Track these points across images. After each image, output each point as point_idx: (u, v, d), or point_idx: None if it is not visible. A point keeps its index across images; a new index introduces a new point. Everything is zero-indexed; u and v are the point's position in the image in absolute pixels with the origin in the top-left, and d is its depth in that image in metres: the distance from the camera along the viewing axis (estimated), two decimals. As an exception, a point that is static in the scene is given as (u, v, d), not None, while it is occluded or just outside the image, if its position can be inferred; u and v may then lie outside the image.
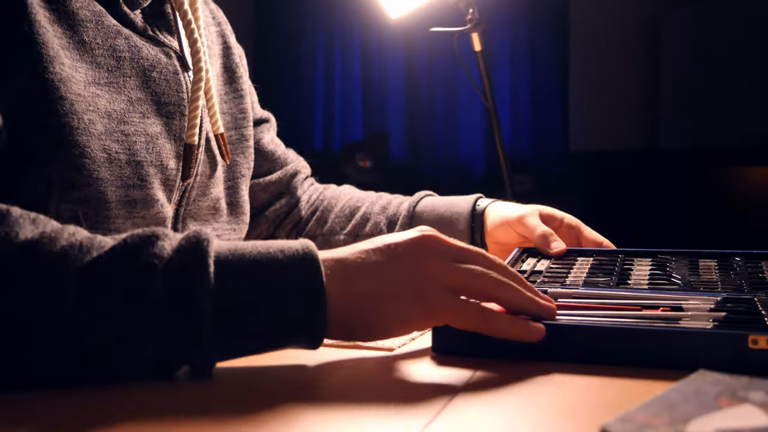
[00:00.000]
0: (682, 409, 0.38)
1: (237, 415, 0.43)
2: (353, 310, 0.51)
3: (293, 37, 3.86)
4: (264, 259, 0.50)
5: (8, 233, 0.49)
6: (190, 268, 0.48)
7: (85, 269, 0.48)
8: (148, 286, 0.47)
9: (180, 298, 0.47)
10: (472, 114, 3.59)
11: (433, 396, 0.47)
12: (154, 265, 0.48)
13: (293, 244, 0.51)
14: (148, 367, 0.49)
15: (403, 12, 1.37)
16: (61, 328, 0.47)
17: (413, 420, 0.42)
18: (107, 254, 0.49)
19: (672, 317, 0.56)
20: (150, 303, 0.47)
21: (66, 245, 0.49)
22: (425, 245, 0.54)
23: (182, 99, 0.78)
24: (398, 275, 0.52)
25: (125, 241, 0.49)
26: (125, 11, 0.74)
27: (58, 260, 0.48)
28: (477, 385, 0.48)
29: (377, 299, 0.52)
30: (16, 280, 0.47)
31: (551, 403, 0.45)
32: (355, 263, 0.52)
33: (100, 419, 0.42)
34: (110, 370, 0.49)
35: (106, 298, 0.47)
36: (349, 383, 0.50)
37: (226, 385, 0.50)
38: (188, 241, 0.50)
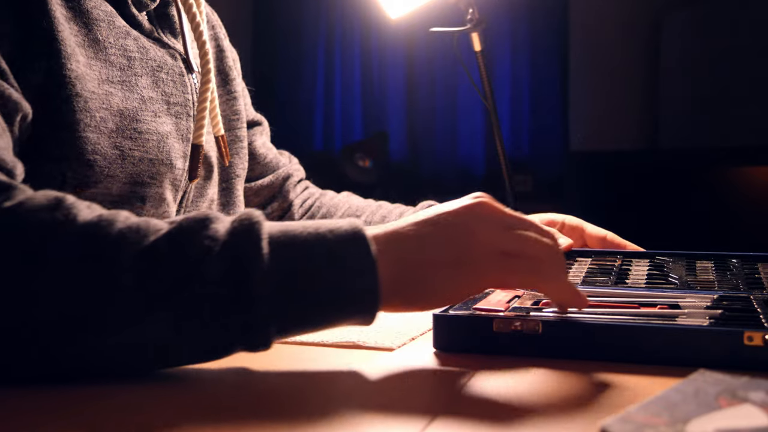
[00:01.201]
0: (682, 409, 0.38)
1: (236, 415, 0.43)
2: (406, 281, 0.51)
3: (293, 37, 3.86)
4: (315, 239, 0.50)
5: (67, 216, 0.49)
6: (245, 250, 0.48)
7: (143, 252, 0.48)
8: (205, 268, 0.47)
9: (236, 280, 0.48)
10: (472, 114, 3.59)
11: (433, 396, 0.47)
12: (210, 248, 0.48)
13: (341, 224, 0.51)
14: (205, 350, 0.49)
15: (403, 12, 1.37)
16: (120, 310, 0.47)
17: (414, 420, 0.42)
18: (164, 238, 0.49)
19: (669, 315, 0.57)
20: (207, 285, 0.47)
21: (123, 228, 0.49)
22: (477, 212, 0.54)
23: (188, 100, 0.80)
24: (449, 244, 0.52)
25: (180, 225, 0.50)
26: (133, 12, 0.76)
27: (117, 243, 0.48)
28: (477, 385, 0.48)
29: (429, 269, 0.51)
30: (77, 263, 0.47)
31: (551, 402, 0.45)
32: (407, 236, 0.52)
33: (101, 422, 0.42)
34: (167, 353, 0.49)
35: (164, 281, 0.47)
36: (349, 383, 0.50)
37: (224, 385, 0.50)
38: (241, 223, 0.50)
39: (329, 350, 0.57)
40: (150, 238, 0.49)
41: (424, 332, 0.63)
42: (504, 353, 0.55)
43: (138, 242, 0.48)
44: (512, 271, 0.53)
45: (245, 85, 1.02)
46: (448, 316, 0.57)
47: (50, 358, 0.48)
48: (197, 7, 0.83)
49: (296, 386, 0.49)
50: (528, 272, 0.53)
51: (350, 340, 0.59)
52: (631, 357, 0.52)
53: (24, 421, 0.42)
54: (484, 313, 0.57)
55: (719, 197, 3.04)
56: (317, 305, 0.49)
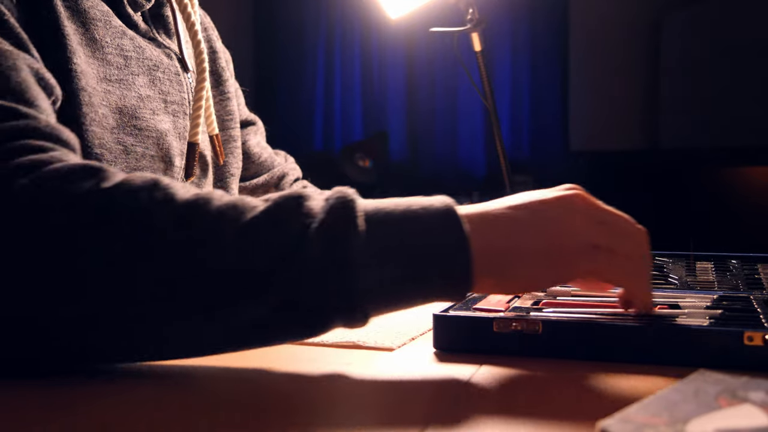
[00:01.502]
0: (682, 409, 0.38)
1: (236, 415, 0.43)
2: (498, 264, 0.51)
3: (293, 37, 3.86)
4: (408, 217, 0.50)
5: (165, 196, 0.49)
6: (342, 226, 0.49)
7: (242, 230, 0.48)
8: (304, 245, 0.48)
9: (335, 256, 0.48)
10: (472, 114, 3.59)
11: (433, 396, 0.47)
12: (307, 225, 0.49)
13: (434, 202, 0.52)
14: (305, 326, 0.49)
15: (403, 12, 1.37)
16: (221, 288, 0.47)
17: (414, 420, 0.42)
18: (262, 215, 0.49)
19: (669, 315, 0.57)
20: (306, 262, 0.48)
21: (221, 206, 0.50)
22: (573, 204, 0.54)
23: (184, 99, 0.81)
24: (543, 232, 0.52)
25: (276, 202, 0.50)
26: (129, 12, 0.76)
27: (217, 221, 0.49)
28: (477, 385, 0.48)
29: (521, 255, 0.52)
30: (178, 242, 0.48)
31: (551, 402, 0.45)
32: (500, 218, 0.52)
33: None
34: (267, 332, 0.49)
35: (264, 259, 0.48)
36: (349, 383, 0.50)
37: (225, 384, 0.50)
38: (336, 200, 0.50)
39: (329, 350, 0.57)
40: (247, 215, 0.49)
41: (424, 332, 0.63)
42: (504, 353, 0.55)
43: (236, 219, 0.49)
44: (601, 266, 0.53)
45: (239, 86, 1.03)
46: (448, 316, 0.57)
47: (154, 339, 0.49)
48: (192, 8, 0.84)
49: (296, 386, 0.49)
50: (616, 268, 0.53)
51: (350, 340, 0.59)
52: (631, 357, 0.52)
53: (32, 416, 0.42)
54: (484, 313, 0.57)
55: (719, 197, 3.04)
56: (411, 282, 0.50)
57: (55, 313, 0.47)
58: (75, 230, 0.47)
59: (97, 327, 0.48)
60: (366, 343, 0.59)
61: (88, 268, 0.47)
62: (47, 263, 0.47)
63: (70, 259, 0.47)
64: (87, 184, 0.49)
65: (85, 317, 0.47)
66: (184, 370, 0.52)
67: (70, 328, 0.48)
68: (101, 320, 0.48)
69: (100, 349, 0.50)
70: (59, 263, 0.47)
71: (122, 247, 0.47)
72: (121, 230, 0.48)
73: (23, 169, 0.50)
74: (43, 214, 0.48)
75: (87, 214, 0.48)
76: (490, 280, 0.51)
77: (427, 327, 0.64)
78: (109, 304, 0.47)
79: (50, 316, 0.47)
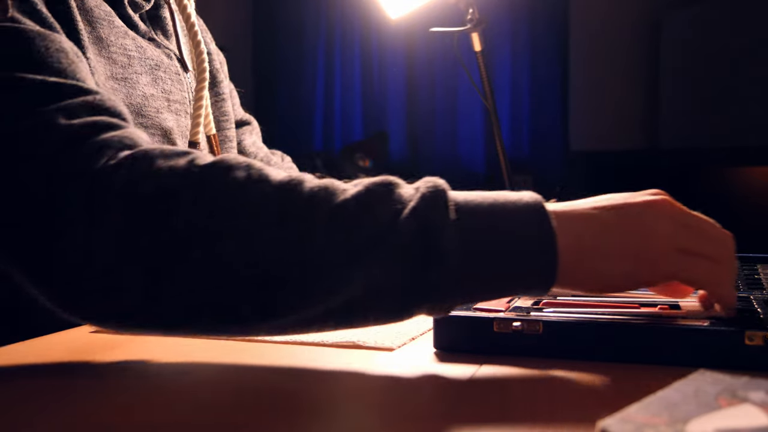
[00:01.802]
0: (682, 409, 0.38)
1: (236, 414, 0.43)
2: (582, 262, 0.51)
3: (293, 37, 3.86)
4: (497, 209, 0.51)
5: (260, 176, 0.50)
6: (433, 214, 0.49)
7: (334, 211, 0.49)
8: (395, 230, 0.48)
9: (426, 243, 0.48)
10: (472, 114, 3.59)
11: (433, 396, 0.47)
12: (399, 211, 0.49)
13: (523, 196, 0.52)
14: (391, 310, 0.50)
15: (403, 12, 1.37)
16: (313, 268, 0.48)
17: (414, 420, 0.42)
18: (353, 199, 0.50)
19: (669, 315, 0.57)
20: (397, 247, 0.48)
21: (314, 187, 0.50)
22: (660, 208, 0.54)
23: (185, 98, 0.82)
24: (630, 235, 0.52)
25: (366, 188, 0.50)
26: (129, 13, 0.77)
27: (310, 202, 0.49)
28: (477, 385, 0.48)
29: (606, 254, 0.51)
30: (273, 222, 0.48)
31: (551, 402, 0.45)
32: (587, 217, 0.52)
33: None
34: (353, 313, 0.50)
35: (356, 241, 0.48)
36: (349, 383, 0.50)
37: (224, 384, 0.50)
38: (427, 189, 0.50)
39: (329, 350, 0.57)
40: (339, 197, 0.50)
41: (424, 332, 0.63)
42: (504, 353, 0.55)
43: (328, 201, 0.49)
44: (686, 269, 0.52)
45: (233, 87, 1.04)
46: (448, 316, 0.57)
47: (248, 316, 0.49)
48: (192, 9, 0.85)
49: (296, 386, 0.49)
50: (702, 271, 0.53)
51: (350, 340, 0.59)
52: (631, 357, 0.52)
53: (32, 416, 0.42)
54: (484, 313, 0.57)
55: (719, 197, 3.04)
56: (498, 274, 0.50)
57: (157, 281, 0.48)
58: (168, 204, 0.49)
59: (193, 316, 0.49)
60: (366, 343, 0.59)
61: (182, 237, 0.48)
62: (145, 242, 0.48)
63: (168, 234, 0.48)
64: (182, 160, 0.51)
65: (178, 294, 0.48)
66: (184, 369, 0.52)
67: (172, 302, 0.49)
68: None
69: (208, 327, 0.51)
70: (156, 241, 0.48)
71: (215, 224, 0.48)
72: (217, 208, 0.49)
73: (112, 147, 0.52)
74: (134, 189, 0.49)
75: (186, 190, 0.49)
76: (573, 278, 0.51)
77: (427, 327, 0.64)
78: (205, 282, 0.48)
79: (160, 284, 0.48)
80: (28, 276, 0.51)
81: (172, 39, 0.84)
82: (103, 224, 0.48)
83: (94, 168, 0.50)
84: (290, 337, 0.60)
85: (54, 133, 0.52)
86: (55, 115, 0.53)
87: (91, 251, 0.48)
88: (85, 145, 0.52)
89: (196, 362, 0.54)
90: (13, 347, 0.58)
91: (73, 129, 0.52)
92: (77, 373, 0.51)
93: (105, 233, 0.48)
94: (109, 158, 0.51)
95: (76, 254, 0.48)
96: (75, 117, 0.53)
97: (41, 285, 0.51)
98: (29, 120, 0.52)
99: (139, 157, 0.51)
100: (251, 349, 0.58)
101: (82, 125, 0.53)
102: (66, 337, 0.62)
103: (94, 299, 0.49)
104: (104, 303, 0.49)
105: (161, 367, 0.53)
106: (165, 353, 0.57)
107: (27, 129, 0.52)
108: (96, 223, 0.48)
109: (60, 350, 0.57)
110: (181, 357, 0.56)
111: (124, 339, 0.61)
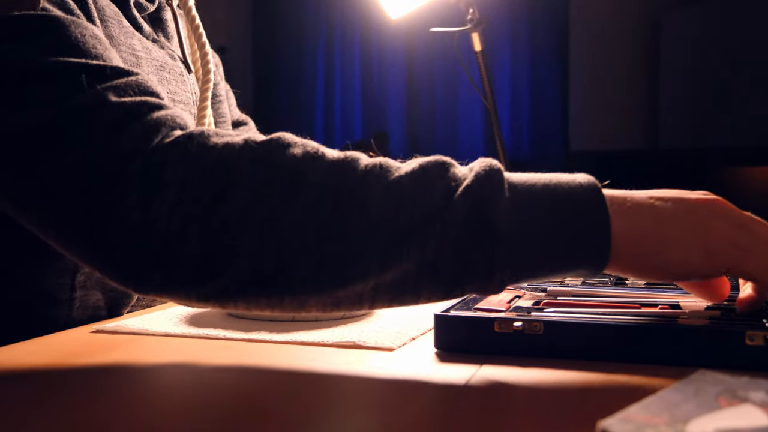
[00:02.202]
0: (682, 409, 0.38)
1: (236, 415, 0.43)
2: (634, 248, 0.51)
3: (293, 37, 3.86)
4: (552, 190, 0.51)
5: (317, 152, 0.51)
6: (488, 193, 0.49)
7: (388, 188, 0.49)
8: (449, 207, 0.48)
9: (480, 220, 0.48)
10: (472, 114, 3.59)
11: (433, 396, 0.47)
12: (453, 188, 0.49)
13: (577, 178, 0.52)
14: (442, 288, 0.50)
15: (403, 12, 1.37)
16: (366, 243, 0.48)
17: (414, 420, 0.42)
18: (407, 176, 0.50)
19: (670, 315, 0.57)
20: (451, 224, 0.48)
21: (369, 164, 0.51)
22: (714, 207, 0.54)
23: (189, 98, 0.84)
24: (684, 225, 0.52)
25: (421, 166, 0.51)
26: (135, 14, 0.78)
27: (365, 177, 0.50)
28: (478, 385, 0.48)
29: (660, 242, 0.52)
30: (329, 196, 0.49)
31: (551, 402, 0.45)
32: (643, 205, 0.52)
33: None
34: (405, 290, 0.50)
35: (409, 217, 0.48)
36: (349, 383, 0.50)
37: (224, 384, 0.50)
38: (482, 168, 0.51)
39: (329, 350, 0.57)
40: (393, 174, 0.50)
41: (424, 332, 0.63)
42: (505, 353, 0.55)
43: (383, 177, 0.50)
44: (743, 263, 0.52)
45: (230, 87, 1.04)
46: (449, 316, 0.57)
47: (302, 288, 0.50)
48: (195, 11, 0.86)
49: (296, 386, 0.49)
50: (757, 266, 0.53)
51: (350, 340, 0.59)
52: (631, 357, 0.52)
53: (32, 416, 0.42)
54: (485, 313, 0.57)
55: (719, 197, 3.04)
56: (550, 254, 0.50)
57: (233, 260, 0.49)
58: (227, 176, 0.50)
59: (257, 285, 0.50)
60: (366, 343, 0.59)
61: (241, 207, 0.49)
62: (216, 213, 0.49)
63: (228, 206, 0.49)
64: (238, 138, 0.52)
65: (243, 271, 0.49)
66: (183, 370, 0.52)
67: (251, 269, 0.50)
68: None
69: (264, 302, 0.52)
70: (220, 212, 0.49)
71: (274, 200, 0.49)
72: (276, 182, 0.50)
73: (166, 125, 0.53)
74: (193, 164, 0.51)
75: (244, 164, 0.50)
76: (625, 261, 0.51)
77: (427, 327, 0.64)
78: (259, 256, 0.49)
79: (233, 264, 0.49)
80: (87, 251, 0.52)
81: (173, 41, 0.84)
82: (163, 197, 0.50)
83: (150, 145, 0.52)
84: (290, 337, 0.60)
85: (108, 110, 0.53)
86: (106, 93, 0.54)
87: (150, 222, 0.49)
88: (139, 123, 0.53)
89: (196, 362, 0.54)
90: (13, 347, 0.58)
91: (125, 106, 0.54)
92: (77, 373, 0.51)
93: (164, 205, 0.49)
94: (164, 136, 0.53)
95: (135, 226, 0.49)
96: (125, 96, 0.55)
97: (100, 259, 0.52)
98: (82, 99, 0.54)
99: (196, 134, 0.53)
100: (251, 349, 0.58)
101: (133, 103, 0.54)
102: (66, 337, 0.62)
103: (154, 269, 0.50)
104: (163, 272, 0.50)
105: (161, 367, 0.53)
106: (165, 353, 0.57)
107: (81, 107, 0.53)
108: (155, 196, 0.50)
109: (60, 350, 0.57)
110: (181, 357, 0.56)
111: (124, 339, 0.61)
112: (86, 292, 0.71)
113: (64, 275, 0.69)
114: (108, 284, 0.72)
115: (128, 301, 0.75)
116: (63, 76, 0.55)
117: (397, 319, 0.68)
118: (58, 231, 0.53)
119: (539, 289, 0.68)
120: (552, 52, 3.51)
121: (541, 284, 0.69)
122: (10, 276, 0.69)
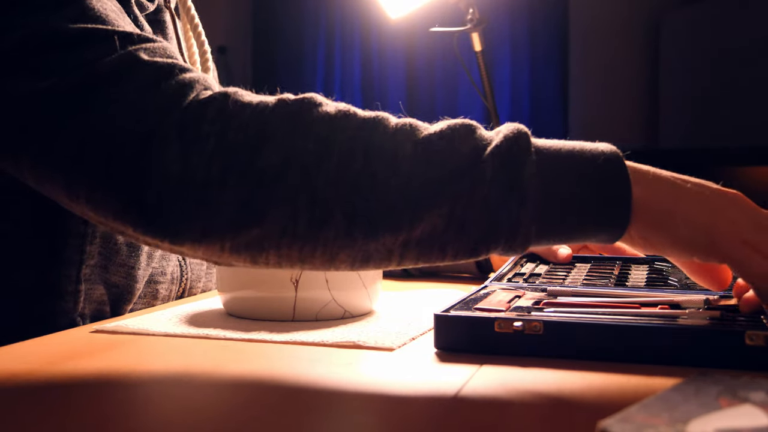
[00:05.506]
0: (682, 409, 0.38)
1: (235, 415, 0.43)
2: (651, 219, 0.52)
3: (293, 37, 3.86)
4: (576, 155, 0.52)
5: (349, 111, 0.53)
6: (516, 153, 0.50)
7: (417, 145, 0.50)
8: (478, 165, 0.49)
9: (508, 178, 0.49)
10: (472, 114, 3.58)
11: (433, 396, 0.47)
12: (482, 147, 0.50)
13: (599, 146, 0.53)
14: (469, 246, 0.50)
15: (403, 12, 1.37)
16: (394, 198, 0.49)
17: (414, 420, 0.42)
18: (436, 134, 0.51)
19: (670, 315, 0.57)
20: (479, 181, 0.49)
21: (398, 123, 0.52)
22: (734, 200, 0.54)
23: None
24: (701, 207, 0.53)
25: (449, 126, 0.52)
26: (136, 13, 0.77)
27: (394, 135, 0.51)
28: (477, 385, 0.48)
29: (675, 218, 0.52)
30: (359, 152, 0.50)
31: (551, 402, 0.45)
32: (664, 180, 0.53)
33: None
34: (432, 247, 0.50)
35: (438, 174, 0.49)
36: (349, 383, 0.50)
37: (224, 384, 0.50)
38: (509, 130, 0.52)
39: (329, 350, 0.57)
40: (422, 132, 0.51)
41: (424, 332, 0.63)
42: (505, 353, 0.55)
43: (413, 134, 0.51)
44: (745, 261, 0.53)
45: None
46: (449, 316, 0.57)
47: (333, 242, 0.50)
48: (194, 11, 0.87)
49: (296, 386, 0.49)
50: (757, 268, 0.53)
51: (350, 340, 0.59)
52: (631, 357, 0.52)
53: (31, 416, 0.42)
54: (485, 313, 0.57)
55: (719, 197, 3.03)
56: (573, 219, 0.51)
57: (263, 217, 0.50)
58: (263, 130, 0.51)
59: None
60: (366, 343, 0.59)
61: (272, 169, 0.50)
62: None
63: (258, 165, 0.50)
64: (271, 97, 0.54)
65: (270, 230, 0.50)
66: (183, 369, 0.52)
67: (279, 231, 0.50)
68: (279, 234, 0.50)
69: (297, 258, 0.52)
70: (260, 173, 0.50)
71: (310, 157, 0.50)
72: (311, 139, 0.50)
73: (198, 84, 0.54)
74: (228, 118, 0.51)
75: (279, 119, 0.52)
76: (641, 230, 0.52)
77: (427, 327, 0.64)
78: (298, 212, 0.49)
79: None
80: (122, 208, 0.52)
81: (172, 42, 0.84)
82: (201, 148, 0.50)
83: (185, 101, 0.52)
84: (290, 337, 0.60)
85: (141, 69, 0.54)
86: (138, 53, 0.55)
87: (189, 173, 0.50)
88: (173, 80, 0.54)
89: (196, 362, 0.54)
90: (13, 347, 0.58)
91: (157, 65, 0.55)
92: (77, 373, 0.51)
93: (203, 156, 0.50)
94: (198, 93, 0.53)
95: (175, 177, 0.50)
96: (156, 56, 0.56)
97: (136, 214, 0.51)
98: (115, 59, 0.55)
99: (230, 93, 0.53)
100: (251, 349, 0.58)
101: (165, 63, 0.55)
102: (66, 337, 0.62)
103: (193, 218, 0.50)
104: (202, 221, 0.50)
105: (161, 367, 0.53)
106: (165, 353, 0.57)
107: (114, 67, 0.54)
108: (193, 147, 0.50)
109: (60, 350, 0.57)
110: (181, 357, 0.56)
111: (125, 339, 0.61)
112: (91, 286, 0.71)
113: (70, 267, 0.69)
114: (110, 279, 0.72)
115: (130, 297, 0.75)
116: (94, 40, 0.56)
117: (397, 319, 0.68)
118: (91, 189, 0.53)
119: (539, 289, 0.68)
120: (552, 52, 3.52)
121: (540, 285, 0.69)
122: (18, 266, 0.69)
